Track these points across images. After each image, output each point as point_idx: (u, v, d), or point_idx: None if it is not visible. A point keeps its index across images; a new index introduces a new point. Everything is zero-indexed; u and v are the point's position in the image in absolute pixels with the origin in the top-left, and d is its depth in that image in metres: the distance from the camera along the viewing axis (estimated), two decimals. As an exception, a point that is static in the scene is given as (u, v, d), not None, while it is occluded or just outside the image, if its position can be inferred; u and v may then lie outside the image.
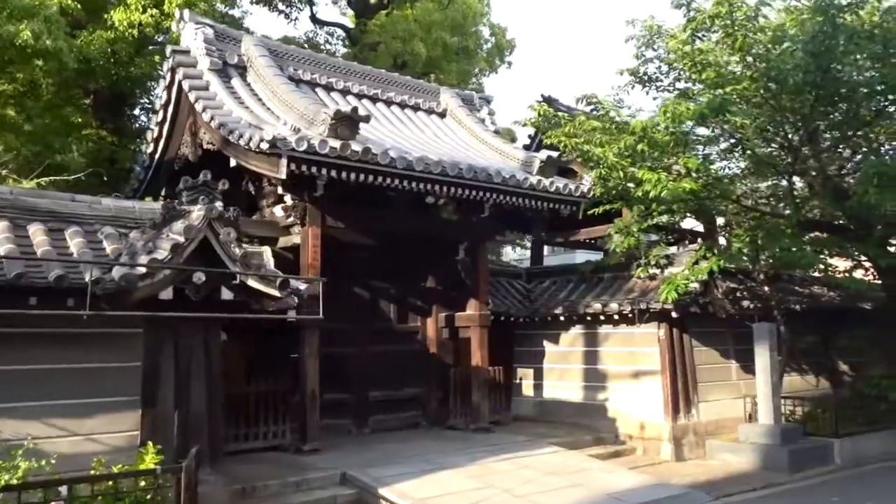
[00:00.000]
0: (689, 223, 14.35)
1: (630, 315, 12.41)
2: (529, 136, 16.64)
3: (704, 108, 9.22)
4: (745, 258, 11.10)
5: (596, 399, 13.19)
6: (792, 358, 15.12)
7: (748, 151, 11.44)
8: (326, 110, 9.41)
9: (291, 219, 10.78)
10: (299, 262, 10.57)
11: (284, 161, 9.09)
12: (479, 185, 10.85)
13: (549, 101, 14.75)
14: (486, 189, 11.04)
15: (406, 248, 12.60)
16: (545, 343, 14.06)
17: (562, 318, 13.40)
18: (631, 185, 11.52)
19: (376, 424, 12.36)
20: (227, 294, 7.38)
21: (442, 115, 13.80)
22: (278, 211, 10.99)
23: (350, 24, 20.52)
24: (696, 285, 11.96)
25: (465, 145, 12.94)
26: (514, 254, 30.15)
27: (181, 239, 6.94)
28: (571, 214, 12.53)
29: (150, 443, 6.61)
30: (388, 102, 12.95)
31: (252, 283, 7.43)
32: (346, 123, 9.45)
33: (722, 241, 13.18)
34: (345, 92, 12.39)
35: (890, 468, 11.99)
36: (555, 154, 11.71)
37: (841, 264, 15.63)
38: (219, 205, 7.24)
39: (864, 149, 12.19)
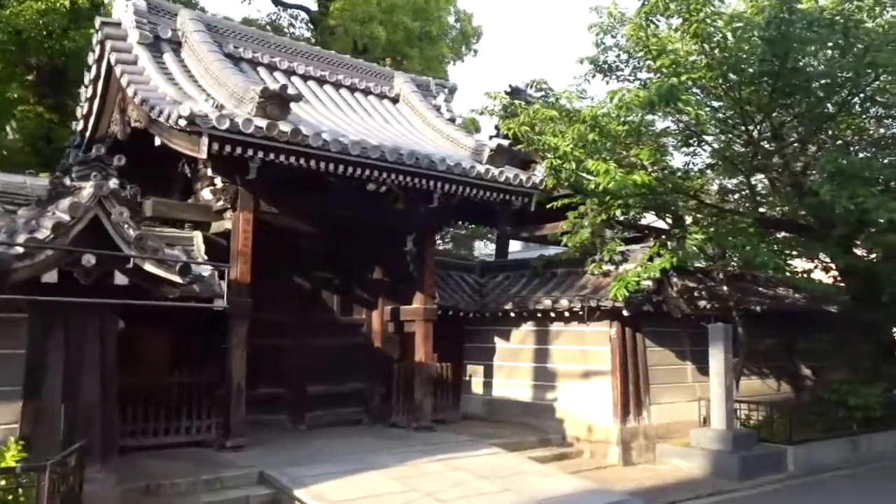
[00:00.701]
0: (659, 221, 13.89)
1: (581, 312, 11.94)
2: (496, 128, 16.12)
3: (653, 96, 8.72)
4: (699, 256, 10.62)
5: (545, 399, 12.72)
6: (752, 361, 14.74)
7: (706, 146, 10.96)
8: (257, 88, 8.85)
9: (222, 202, 10.23)
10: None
11: (205, 140, 8.52)
12: (422, 173, 10.32)
13: (515, 91, 14.23)
14: (431, 177, 10.52)
15: (352, 238, 12.09)
16: (496, 339, 13.58)
17: (512, 315, 12.91)
18: (586, 177, 11.04)
19: (314, 420, 11.82)
20: (121, 279, 6.82)
21: (395, 100, 13.25)
22: (207, 194, 10.43)
23: (313, 6, 19.94)
24: (649, 283, 11.51)
25: (415, 132, 12.41)
26: (487, 249, 29.69)
27: (66, 217, 6.37)
28: (524, 206, 12.02)
29: (11, 438, 6.05)
30: (337, 85, 12.38)
31: (149, 267, 6.86)
32: (276, 102, 8.90)
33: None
34: (289, 72, 11.81)
35: (843, 477, 11.60)
36: (505, 143, 11.19)
37: (810, 266, 15.32)
38: (112, 182, 6.66)
39: (828, 146, 11.76)
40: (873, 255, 11.80)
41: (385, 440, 10.90)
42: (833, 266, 12.37)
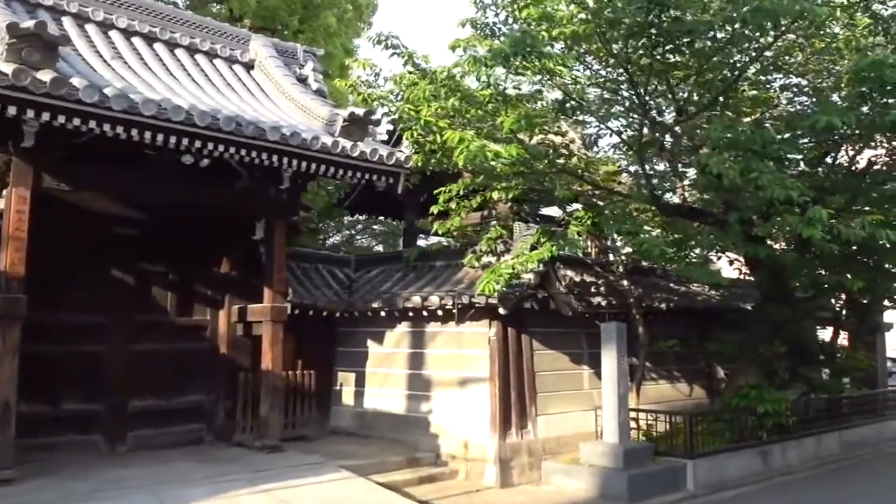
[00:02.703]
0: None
1: (454, 311, 10.34)
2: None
3: (506, 47, 7.18)
4: (582, 245, 9.14)
5: (419, 411, 11.08)
6: (661, 364, 13.42)
7: (591, 117, 9.47)
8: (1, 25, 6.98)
9: (-8, 176, 8.30)
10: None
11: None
12: (250, 143, 8.57)
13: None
14: (264, 149, 8.77)
15: (193, 225, 10.28)
16: (369, 343, 11.88)
17: (383, 314, 11.23)
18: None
19: (139, 441, 9.94)
20: None
21: (249, 66, 11.45)
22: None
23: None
24: (529, 276, 9.99)
25: (267, 102, 10.64)
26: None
27: None
28: (391, 188, 10.38)
29: None
30: (171, 44, 10.50)
31: None
32: (34, 45, 7.04)
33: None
34: (105, 25, 9.89)
35: (748, 494, 10.27)
36: (360, 111, 9.51)
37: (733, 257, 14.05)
38: None
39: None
40: (781, 245, 10.50)
41: (211, 465, 9.08)
42: (737, 257, 11.03)
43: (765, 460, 11.54)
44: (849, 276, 10.14)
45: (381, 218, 21.73)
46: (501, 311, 9.96)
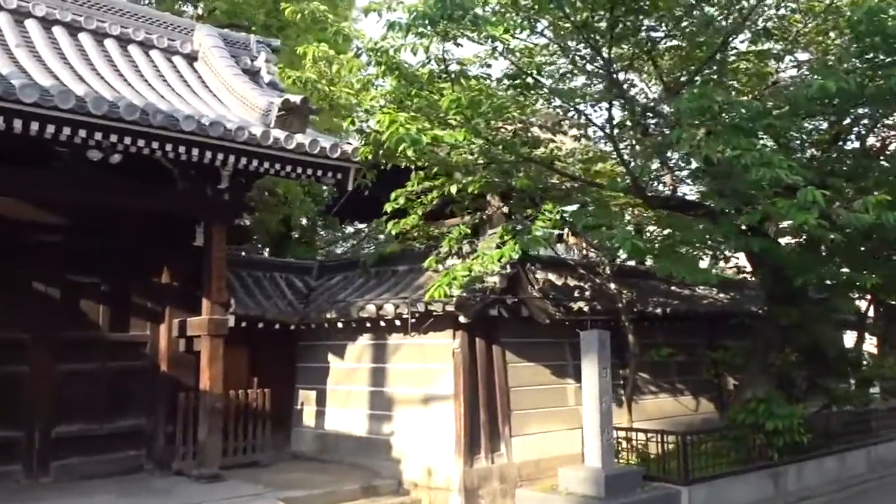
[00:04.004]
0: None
1: (412, 320, 9.24)
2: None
3: (430, 9, 6.08)
4: (547, 243, 7.97)
5: (381, 432, 9.96)
6: (661, 375, 12.13)
7: (541, 91, 8.27)
8: None
9: None
10: None
11: None
12: (157, 134, 7.60)
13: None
14: (177, 141, 7.81)
15: (127, 231, 9.41)
16: (330, 357, 10.80)
17: (340, 325, 10.16)
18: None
19: (65, 471, 8.97)
20: None
21: (192, 57, 10.52)
22: None
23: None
24: (495, 280, 8.85)
25: (206, 94, 9.69)
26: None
27: None
28: (339, 185, 9.35)
29: None
30: (98, 34, 9.60)
31: None
32: None
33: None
34: (20, 14, 9.00)
35: (754, 527, 8.94)
36: (296, 98, 8.48)
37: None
38: None
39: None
40: (783, 239, 9.18)
41: (133, 499, 8.08)
42: (728, 253, 9.75)
43: (777, 484, 10.17)
44: (864, 272, 8.79)
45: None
46: (462, 319, 8.83)
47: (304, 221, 20.83)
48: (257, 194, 17.45)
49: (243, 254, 12.44)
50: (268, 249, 18.68)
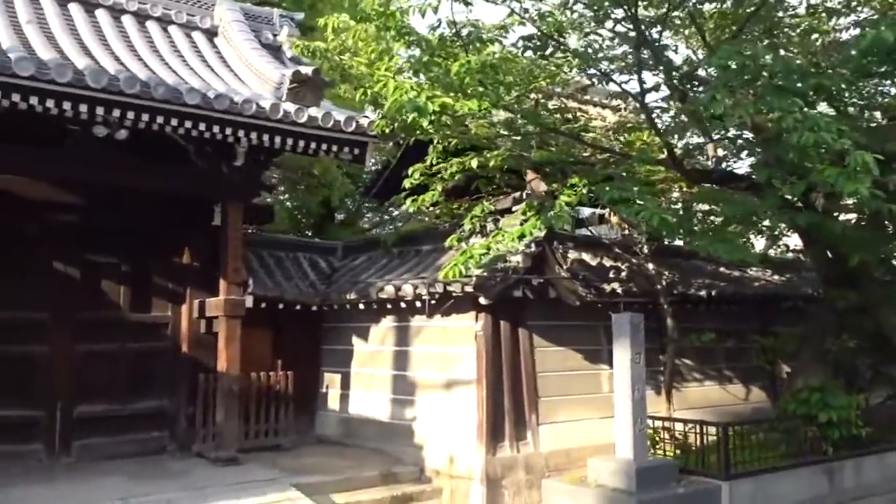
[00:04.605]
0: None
1: (433, 301, 8.82)
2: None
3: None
4: (570, 220, 7.39)
5: (404, 417, 9.61)
6: (707, 362, 11.38)
7: (563, 53, 7.61)
8: None
9: None
10: None
11: None
12: (161, 108, 7.36)
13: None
14: (182, 115, 7.55)
15: (147, 211, 9.30)
16: (354, 340, 10.49)
17: (361, 306, 9.83)
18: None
19: (87, 451, 8.95)
20: None
21: (212, 33, 10.28)
22: None
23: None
24: (518, 259, 8.34)
25: (223, 70, 9.43)
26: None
27: None
28: (356, 160, 8.98)
29: None
30: (116, 10, 9.43)
31: None
32: None
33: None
34: (36, -9, 8.92)
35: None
36: (308, 69, 8.12)
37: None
38: None
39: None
40: (836, 213, 8.31)
41: (146, 481, 7.93)
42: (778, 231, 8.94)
43: (832, 480, 9.38)
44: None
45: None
46: (483, 300, 8.35)
47: (348, 203, 20.66)
48: (298, 176, 17.44)
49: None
50: (309, 232, 18.55)
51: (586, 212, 11.51)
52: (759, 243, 13.70)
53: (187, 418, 9.54)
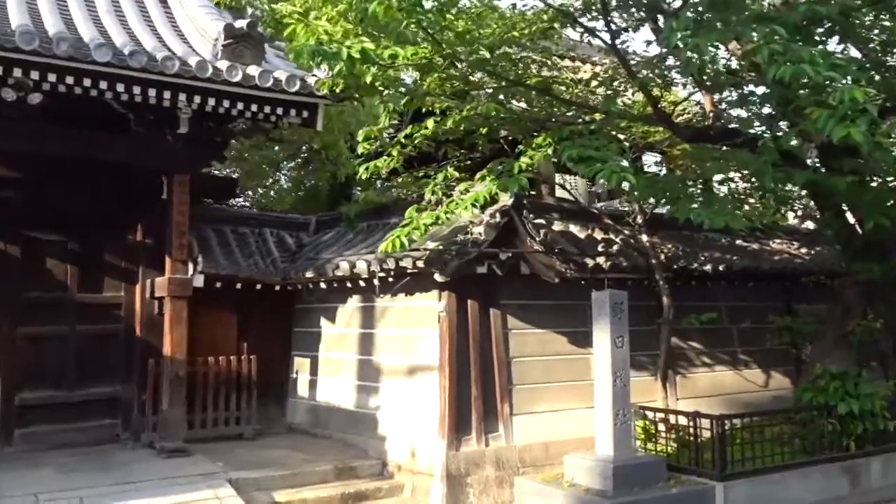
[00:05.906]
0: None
1: (391, 279, 7.96)
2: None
3: None
4: (524, 184, 6.37)
5: (368, 406, 8.82)
6: (717, 345, 10.24)
7: None
8: None
9: None
10: None
11: None
12: (76, 68, 6.68)
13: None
14: (102, 76, 6.86)
15: (95, 186, 8.71)
16: (322, 321, 9.72)
17: (323, 285, 9.03)
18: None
19: (30, 440, 8.46)
20: None
21: (165, -7, 9.56)
22: None
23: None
24: (479, 230, 7.40)
25: (166, 31, 8.63)
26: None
27: None
28: (306, 123, 8.15)
29: None
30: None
31: None
32: None
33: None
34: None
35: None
36: (242, 23, 7.29)
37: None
38: None
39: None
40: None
41: (77, 475, 7.33)
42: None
43: (854, 481, 8.22)
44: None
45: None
46: (438, 277, 7.45)
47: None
48: (308, 152, 16.73)
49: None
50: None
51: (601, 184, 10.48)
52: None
53: (140, 405, 8.96)
